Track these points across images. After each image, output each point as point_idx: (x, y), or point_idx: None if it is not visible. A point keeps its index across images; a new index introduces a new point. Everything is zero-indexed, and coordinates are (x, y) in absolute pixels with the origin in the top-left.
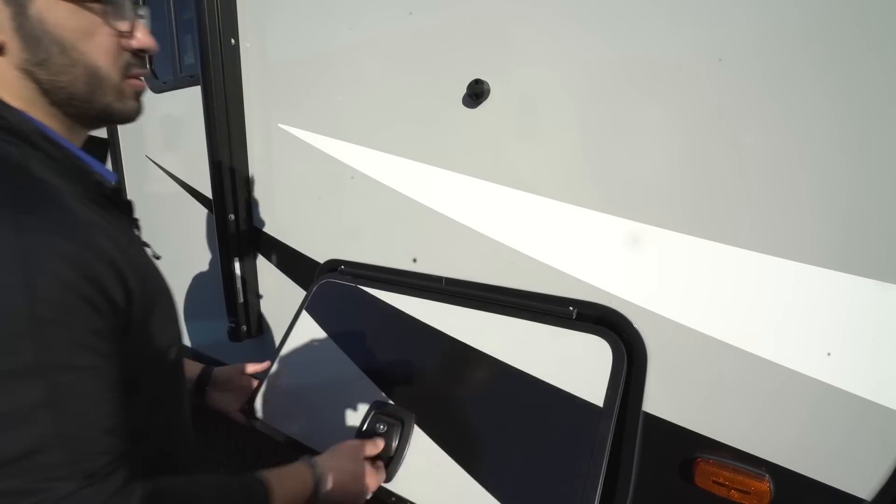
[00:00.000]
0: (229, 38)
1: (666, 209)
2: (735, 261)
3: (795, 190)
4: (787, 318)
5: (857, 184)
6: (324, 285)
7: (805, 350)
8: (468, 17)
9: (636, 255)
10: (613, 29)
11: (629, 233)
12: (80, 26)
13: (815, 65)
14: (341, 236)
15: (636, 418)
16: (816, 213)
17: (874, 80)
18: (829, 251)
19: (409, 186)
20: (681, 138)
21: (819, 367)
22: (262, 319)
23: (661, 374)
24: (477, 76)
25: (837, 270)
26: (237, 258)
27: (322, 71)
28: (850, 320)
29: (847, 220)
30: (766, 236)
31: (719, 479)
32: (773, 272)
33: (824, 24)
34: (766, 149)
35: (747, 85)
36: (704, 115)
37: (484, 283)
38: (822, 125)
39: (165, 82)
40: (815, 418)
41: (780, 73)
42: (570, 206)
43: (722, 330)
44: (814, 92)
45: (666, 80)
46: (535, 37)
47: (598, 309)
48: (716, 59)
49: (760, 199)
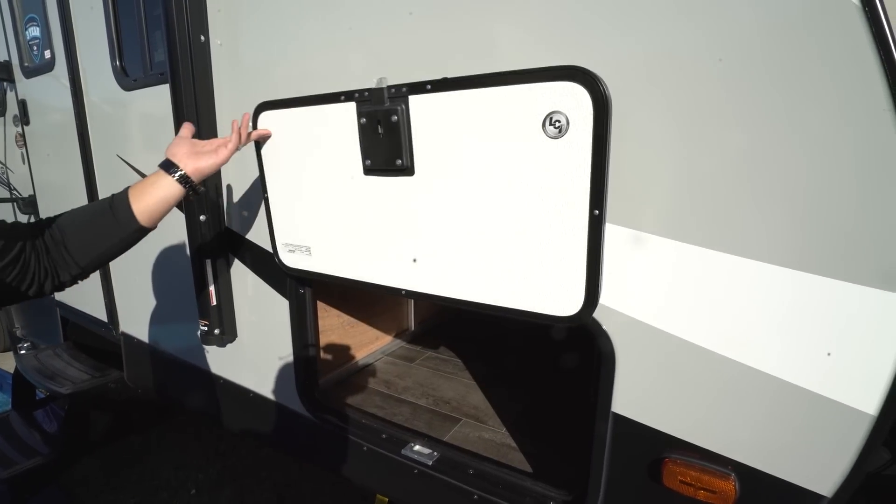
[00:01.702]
0: (199, 35)
1: (633, 210)
2: (701, 261)
3: (757, 191)
4: (753, 318)
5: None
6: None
7: (769, 350)
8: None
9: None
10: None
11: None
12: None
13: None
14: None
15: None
16: (783, 212)
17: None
18: (794, 251)
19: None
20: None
21: (782, 367)
22: (236, 322)
23: (629, 374)
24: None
25: (802, 271)
26: (209, 260)
27: (296, 69)
28: (814, 321)
29: (821, 221)
30: (741, 239)
31: (686, 479)
32: (740, 273)
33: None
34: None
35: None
36: (691, 117)
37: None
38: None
39: (136, 80)
40: (777, 417)
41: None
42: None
43: (689, 330)
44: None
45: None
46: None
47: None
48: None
49: (731, 201)
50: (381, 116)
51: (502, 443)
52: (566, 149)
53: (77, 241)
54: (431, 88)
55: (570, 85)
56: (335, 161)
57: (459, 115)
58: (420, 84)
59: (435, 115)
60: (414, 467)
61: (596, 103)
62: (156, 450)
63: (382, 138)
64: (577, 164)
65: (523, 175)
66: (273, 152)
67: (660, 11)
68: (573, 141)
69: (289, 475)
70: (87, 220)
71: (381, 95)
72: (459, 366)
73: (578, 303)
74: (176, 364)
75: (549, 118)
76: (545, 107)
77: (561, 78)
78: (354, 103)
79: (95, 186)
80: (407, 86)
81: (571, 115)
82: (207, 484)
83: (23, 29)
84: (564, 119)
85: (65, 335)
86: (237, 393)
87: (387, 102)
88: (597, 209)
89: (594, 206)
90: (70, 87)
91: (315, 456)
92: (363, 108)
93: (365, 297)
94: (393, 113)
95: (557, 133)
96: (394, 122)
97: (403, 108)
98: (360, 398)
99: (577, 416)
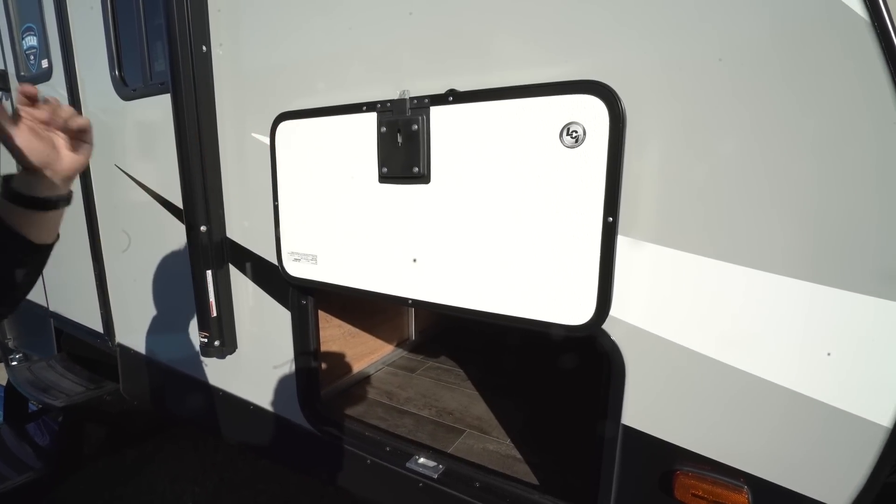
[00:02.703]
0: (201, 44)
1: (643, 220)
2: (715, 273)
3: (767, 200)
4: (765, 329)
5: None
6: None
7: (782, 361)
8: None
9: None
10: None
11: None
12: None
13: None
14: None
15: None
16: (794, 223)
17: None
18: (806, 263)
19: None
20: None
21: (796, 379)
22: (236, 334)
23: (639, 386)
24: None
25: (815, 282)
26: (209, 271)
27: (298, 78)
28: (827, 332)
29: (831, 232)
30: (745, 249)
31: (698, 492)
32: (752, 284)
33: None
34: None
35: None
36: (673, 126)
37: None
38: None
39: (135, 90)
40: (791, 428)
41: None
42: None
43: (701, 342)
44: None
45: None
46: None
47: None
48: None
49: (740, 212)
50: (401, 126)
51: (507, 454)
52: (582, 157)
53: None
54: (453, 100)
55: (587, 98)
56: (349, 169)
57: (478, 125)
58: (442, 96)
59: (454, 125)
60: (419, 481)
61: (612, 114)
62: (151, 463)
63: (401, 147)
64: (593, 173)
65: (539, 182)
66: (288, 160)
67: (665, 18)
68: (589, 150)
69: (287, 488)
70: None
71: (403, 106)
72: (461, 375)
73: (590, 311)
74: (174, 376)
75: (567, 128)
76: (563, 118)
77: (579, 91)
78: (376, 113)
79: (93, 197)
80: (429, 97)
81: (588, 126)
82: (204, 497)
83: (20, 38)
84: (581, 129)
85: (59, 346)
86: (237, 405)
87: (408, 113)
88: (611, 216)
89: (608, 214)
90: (68, 97)
91: (316, 469)
92: (384, 118)
93: (366, 306)
94: (413, 122)
95: (574, 143)
96: (414, 130)
97: (424, 118)
98: (362, 410)
99: (582, 426)
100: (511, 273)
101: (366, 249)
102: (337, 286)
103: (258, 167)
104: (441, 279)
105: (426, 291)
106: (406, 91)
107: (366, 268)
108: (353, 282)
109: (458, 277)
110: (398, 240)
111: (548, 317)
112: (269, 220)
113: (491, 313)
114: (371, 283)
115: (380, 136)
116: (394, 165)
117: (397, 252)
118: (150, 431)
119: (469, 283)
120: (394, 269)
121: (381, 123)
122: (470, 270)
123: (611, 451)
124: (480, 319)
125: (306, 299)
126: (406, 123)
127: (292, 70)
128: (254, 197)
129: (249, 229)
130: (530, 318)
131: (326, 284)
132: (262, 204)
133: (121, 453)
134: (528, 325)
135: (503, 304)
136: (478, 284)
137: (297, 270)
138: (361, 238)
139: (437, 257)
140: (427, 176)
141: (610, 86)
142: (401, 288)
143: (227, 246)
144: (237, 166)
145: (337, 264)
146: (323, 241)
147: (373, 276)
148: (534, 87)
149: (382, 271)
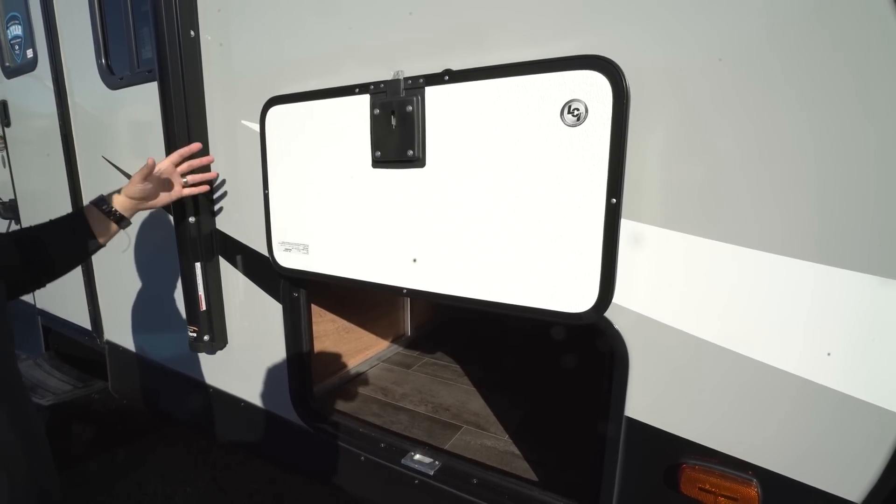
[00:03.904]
0: (188, 30)
1: (651, 204)
2: (722, 258)
3: (782, 185)
4: (773, 314)
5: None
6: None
7: (795, 350)
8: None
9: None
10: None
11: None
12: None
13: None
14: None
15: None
16: (811, 207)
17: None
18: (822, 246)
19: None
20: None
21: (808, 368)
22: (226, 328)
23: (642, 376)
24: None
25: (831, 265)
26: (199, 263)
27: (294, 67)
28: (845, 318)
29: (844, 216)
30: (757, 232)
31: (706, 486)
32: (763, 269)
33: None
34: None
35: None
36: (685, 113)
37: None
38: (818, 121)
39: (122, 78)
40: (801, 418)
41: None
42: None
43: (707, 330)
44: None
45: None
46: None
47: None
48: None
49: (752, 194)
50: (395, 107)
51: (505, 450)
52: (584, 136)
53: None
54: (449, 79)
55: (590, 73)
56: (342, 154)
57: (475, 105)
58: (437, 75)
59: (450, 106)
60: (415, 477)
61: (616, 91)
62: (142, 463)
63: (395, 129)
64: (595, 152)
65: (539, 163)
66: (278, 147)
67: (674, 3)
68: (591, 128)
69: (280, 487)
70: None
71: (398, 87)
72: (458, 371)
73: (592, 298)
74: (163, 373)
75: (568, 106)
76: (564, 95)
77: (581, 67)
78: (368, 95)
79: (80, 189)
80: (424, 77)
81: (590, 103)
82: (196, 497)
83: (4, 28)
84: (583, 107)
85: (46, 345)
86: (228, 402)
87: (402, 93)
88: (614, 197)
89: (611, 195)
90: (53, 87)
91: (310, 467)
92: (377, 100)
93: (360, 301)
94: (408, 104)
95: (576, 121)
96: (408, 112)
97: (419, 98)
98: (357, 406)
99: (581, 421)
100: (510, 259)
101: (359, 238)
102: (329, 276)
103: (248, 155)
104: (437, 267)
105: (422, 280)
106: (400, 72)
107: (359, 257)
108: (346, 271)
109: (454, 265)
110: (392, 227)
111: (548, 304)
112: (260, 210)
113: (489, 301)
114: (364, 273)
115: (373, 118)
116: (387, 149)
117: (391, 240)
118: (140, 431)
119: (466, 270)
120: (388, 257)
121: (375, 105)
122: (467, 258)
123: (613, 445)
124: (478, 308)
125: (298, 291)
126: (400, 105)
127: (282, 53)
128: (244, 186)
129: (239, 220)
130: (530, 307)
131: (318, 275)
132: (253, 193)
133: (111, 453)
134: (527, 314)
135: (501, 292)
136: (475, 272)
137: (288, 261)
138: (354, 226)
139: (432, 244)
140: (422, 159)
141: (614, 60)
142: (395, 277)
143: (217, 237)
144: (227, 155)
145: (329, 254)
146: (315, 230)
147: (366, 265)
148: (533, 64)
149: (376, 260)
